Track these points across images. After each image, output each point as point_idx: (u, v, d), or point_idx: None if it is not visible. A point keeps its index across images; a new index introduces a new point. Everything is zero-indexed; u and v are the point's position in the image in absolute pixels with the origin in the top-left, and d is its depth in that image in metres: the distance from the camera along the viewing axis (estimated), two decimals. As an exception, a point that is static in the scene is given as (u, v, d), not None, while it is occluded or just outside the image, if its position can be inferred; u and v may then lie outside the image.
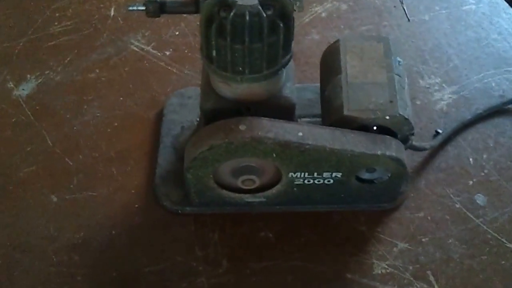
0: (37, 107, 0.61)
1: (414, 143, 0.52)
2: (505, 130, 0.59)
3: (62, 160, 0.57)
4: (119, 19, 0.69)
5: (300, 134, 0.45)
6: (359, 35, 0.53)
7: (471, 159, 0.57)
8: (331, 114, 0.49)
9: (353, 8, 0.72)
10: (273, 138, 0.45)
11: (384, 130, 0.49)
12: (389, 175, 0.49)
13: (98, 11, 0.70)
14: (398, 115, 0.48)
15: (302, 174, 0.48)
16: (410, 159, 0.56)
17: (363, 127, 0.49)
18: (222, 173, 0.49)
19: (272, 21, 0.41)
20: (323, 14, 0.71)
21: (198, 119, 0.58)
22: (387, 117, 0.48)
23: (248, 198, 0.52)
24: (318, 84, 0.59)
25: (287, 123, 0.46)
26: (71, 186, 0.55)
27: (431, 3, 0.72)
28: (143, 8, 0.43)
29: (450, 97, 0.62)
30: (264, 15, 0.40)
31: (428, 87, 0.63)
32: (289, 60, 0.45)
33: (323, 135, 0.46)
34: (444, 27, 0.70)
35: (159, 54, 0.66)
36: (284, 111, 0.49)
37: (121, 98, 0.62)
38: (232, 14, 0.40)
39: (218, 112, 0.48)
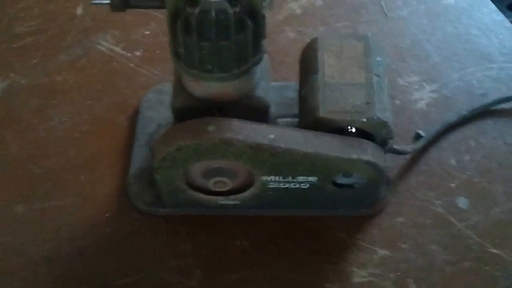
0: (1, 113, 0.59)
1: (395, 146, 0.50)
2: (487, 130, 0.57)
3: (27, 168, 0.55)
4: (87, 18, 0.67)
5: (272, 136, 0.43)
6: (338, 33, 0.51)
7: (453, 161, 0.55)
8: (306, 116, 0.47)
9: (329, 4, 0.69)
10: (243, 140, 0.43)
11: (362, 134, 0.47)
12: (367, 180, 0.47)
13: (65, 10, 0.68)
14: (375, 117, 0.46)
15: (276, 177, 0.46)
16: (392, 162, 0.54)
17: (339, 129, 0.47)
18: (194, 174, 0.47)
19: (239, 19, 0.39)
20: (298, 11, 0.69)
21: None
22: (364, 120, 0.46)
23: (222, 200, 0.50)
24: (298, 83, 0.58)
25: (259, 124, 0.44)
26: (38, 195, 0.53)
27: None
28: (108, 1, 0.41)
29: (430, 96, 0.60)
30: (231, 11, 0.38)
31: (407, 86, 0.61)
32: (260, 59, 0.43)
33: (296, 138, 0.44)
34: (423, 22, 0.67)
35: (128, 55, 0.63)
36: (257, 112, 0.46)
37: (90, 102, 0.59)
38: (197, 10, 0.38)
39: (189, 111, 0.46)
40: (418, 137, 0.56)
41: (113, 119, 0.58)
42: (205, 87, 0.44)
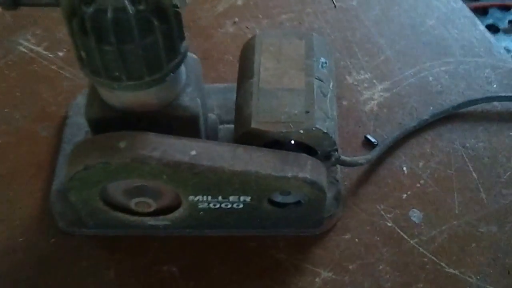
0: None
1: (343, 157, 0.45)
2: (442, 132, 0.52)
3: None
4: (7, 15, 0.60)
5: (193, 153, 0.38)
6: (279, 31, 0.46)
7: (405, 168, 0.49)
8: (239, 127, 0.42)
9: None
10: (159, 159, 0.37)
11: (302, 147, 0.42)
12: (307, 198, 0.42)
13: None
14: (314, 128, 0.40)
15: (204, 197, 0.41)
16: (342, 174, 0.49)
17: (276, 143, 0.41)
18: (114, 193, 0.42)
19: (144, 19, 0.33)
20: (239, 2, 0.62)
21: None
22: (301, 131, 0.40)
23: (150, 221, 0.44)
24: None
25: (179, 139, 0.39)
26: None
27: None
28: None
29: (382, 95, 0.54)
30: (132, 10, 0.32)
31: (357, 84, 0.55)
32: (179, 64, 0.38)
33: (222, 154, 0.38)
34: (375, 13, 0.61)
35: (51, 55, 0.57)
36: (184, 122, 0.41)
37: (6, 110, 0.53)
38: (91, 8, 0.32)
39: (104, 123, 0.40)
40: (368, 142, 0.51)
41: (33, 129, 0.52)
42: (118, 96, 0.38)
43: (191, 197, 0.41)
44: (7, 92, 0.55)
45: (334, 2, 0.61)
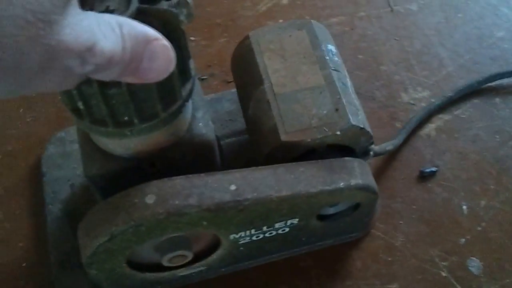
0: None
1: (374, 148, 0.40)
2: (510, 166, 0.44)
3: None
4: None
5: (233, 187, 0.32)
6: (272, 26, 0.40)
7: (464, 207, 0.42)
8: (264, 142, 0.36)
9: None
10: (198, 205, 0.31)
11: (337, 148, 0.37)
12: (358, 204, 0.37)
13: None
14: (351, 126, 0.35)
15: (247, 232, 0.35)
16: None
17: (309, 151, 0.36)
18: (142, 253, 0.35)
19: None
20: (285, 1, 0.54)
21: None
22: (338, 132, 0.35)
23: (183, 271, 0.38)
24: (235, 90, 0.47)
25: (211, 175, 0.32)
26: None
27: None
28: None
29: (441, 118, 0.46)
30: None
31: (413, 104, 0.47)
32: (192, 89, 0.32)
33: (264, 181, 0.33)
34: (436, 21, 0.53)
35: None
36: (201, 153, 0.35)
37: (20, 113, 0.47)
38: None
39: (111, 177, 0.33)
40: (422, 175, 0.44)
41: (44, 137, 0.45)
42: (127, 143, 0.32)
43: (232, 236, 0.35)
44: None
45: (391, 5, 0.52)
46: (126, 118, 0.29)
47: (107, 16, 0.23)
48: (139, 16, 0.26)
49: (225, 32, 0.51)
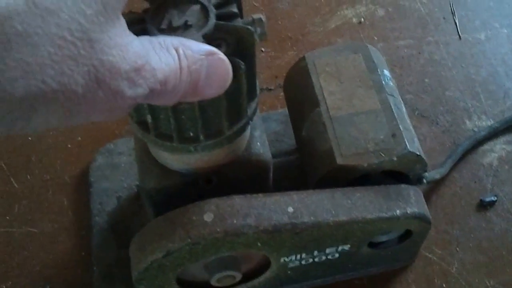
0: None
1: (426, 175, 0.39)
2: None
3: (6, 179, 0.44)
4: None
5: (291, 209, 0.31)
6: (329, 48, 0.40)
7: None
8: (318, 165, 0.35)
9: (392, 16, 0.54)
10: (256, 226, 0.30)
11: (390, 174, 0.36)
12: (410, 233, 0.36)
13: None
14: (408, 152, 0.34)
15: (298, 256, 0.34)
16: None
17: (364, 176, 0.35)
18: (192, 271, 0.34)
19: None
20: (354, 20, 0.54)
21: (138, 184, 0.43)
22: (395, 158, 0.34)
23: (227, 291, 0.37)
24: (283, 110, 0.46)
25: (269, 196, 0.32)
26: (11, 215, 0.42)
27: (490, 18, 0.54)
28: None
29: (504, 148, 0.45)
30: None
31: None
32: (256, 108, 0.31)
33: (321, 204, 0.32)
34: (504, 51, 0.52)
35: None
36: (257, 172, 0.34)
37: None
38: None
39: (167, 191, 0.32)
40: (483, 204, 0.43)
41: (113, 129, 0.46)
42: (188, 159, 0.31)
43: (283, 259, 0.34)
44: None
45: (459, 32, 0.52)
46: (191, 134, 0.28)
47: (162, 38, 0.21)
48: (216, 32, 0.26)
49: (294, 46, 0.51)
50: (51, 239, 0.42)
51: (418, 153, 0.35)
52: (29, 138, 0.46)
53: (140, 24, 0.25)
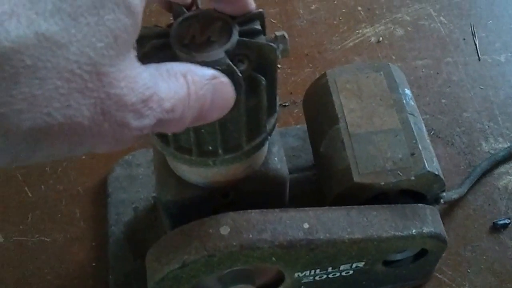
0: None
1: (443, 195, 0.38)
2: None
3: (21, 188, 0.45)
4: None
5: (306, 225, 0.31)
6: (350, 65, 0.40)
7: None
8: (336, 181, 0.35)
9: (411, 36, 0.54)
10: (271, 240, 0.30)
11: (407, 193, 0.36)
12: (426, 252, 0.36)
13: None
14: (426, 172, 0.34)
15: (312, 271, 0.34)
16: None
17: (380, 194, 0.35)
18: (207, 283, 0.34)
19: (249, 78, 0.26)
20: (372, 39, 0.54)
21: (155, 196, 0.44)
22: (413, 178, 0.34)
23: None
24: (301, 126, 0.46)
25: (285, 212, 0.31)
26: (24, 224, 0.43)
27: (510, 40, 0.53)
28: None
29: None
30: (239, 72, 0.25)
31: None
32: (275, 123, 0.31)
33: (336, 222, 0.32)
34: None
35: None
36: (273, 187, 0.34)
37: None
38: None
39: (184, 204, 0.32)
40: (496, 226, 0.42)
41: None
42: (205, 173, 0.31)
43: (297, 274, 0.34)
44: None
45: (479, 53, 0.51)
46: (210, 148, 0.29)
47: (169, 64, 0.21)
48: (238, 48, 0.26)
49: (310, 63, 0.51)
50: (63, 249, 0.42)
51: (436, 173, 0.35)
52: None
53: (163, 38, 0.25)
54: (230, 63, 0.25)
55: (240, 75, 0.25)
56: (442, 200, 0.37)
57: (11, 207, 0.44)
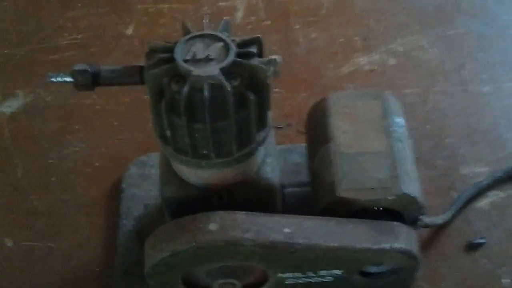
0: (17, 129, 0.52)
1: (425, 219, 0.41)
2: None
3: (27, 197, 0.48)
4: (136, 39, 0.58)
5: (287, 230, 0.34)
6: (350, 92, 0.43)
7: (504, 280, 0.42)
8: (322, 195, 0.38)
9: (403, 65, 0.56)
10: (254, 240, 0.33)
11: (387, 212, 0.39)
12: (400, 268, 0.38)
13: (115, 27, 0.59)
14: (403, 194, 0.37)
15: (294, 274, 0.37)
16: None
17: (362, 210, 0.38)
18: (197, 274, 0.38)
19: (240, 94, 0.30)
20: (366, 67, 0.57)
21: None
22: (390, 198, 0.37)
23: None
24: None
25: (270, 216, 0.35)
26: (32, 231, 0.46)
27: (497, 72, 0.56)
28: (71, 79, 0.32)
29: (497, 195, 0.47)
30: (229, 88, 0.29)
31: (471, 177, 0.47)
32: (266, 137, 0.35)
33: (315, 230, 0.35)
34: (507, 104, 0.53)
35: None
36: (264, 194, 0.37)
37: (111, 134, 0.51)
38: (186, 88, 0.29)
39: (183, 201, 0.36)
40: (472, 245, 0.45)
41: (129, 157, 0.49)
42: (201, 174, 0.35)
43: (280, 275, 0.37)
44: (118, 116, 0.53)
45: (466, 84, 0.54)
46: (205, 151, 0.32)
47: None
48: (233, 67, 0.30)
49: (307, 88, 0.54)
50: (67, 255, 0.45)
51: (413, 196, 0.37)
52: (50, 161, 0.50)
53: (169, 53, 0.30)
54: (223, 78, 0.29)
55: (229, 89, 0.29)
56: (420, 222, 0.39)
57: (19, 215, 0.47)
